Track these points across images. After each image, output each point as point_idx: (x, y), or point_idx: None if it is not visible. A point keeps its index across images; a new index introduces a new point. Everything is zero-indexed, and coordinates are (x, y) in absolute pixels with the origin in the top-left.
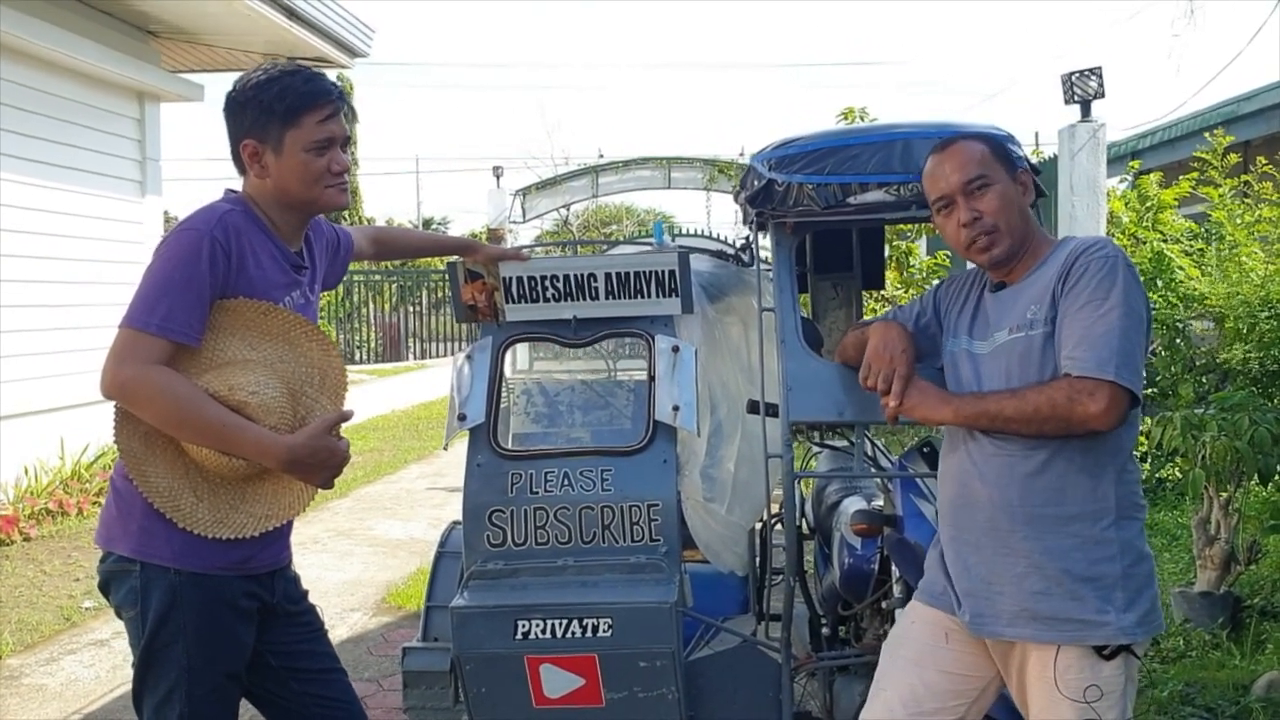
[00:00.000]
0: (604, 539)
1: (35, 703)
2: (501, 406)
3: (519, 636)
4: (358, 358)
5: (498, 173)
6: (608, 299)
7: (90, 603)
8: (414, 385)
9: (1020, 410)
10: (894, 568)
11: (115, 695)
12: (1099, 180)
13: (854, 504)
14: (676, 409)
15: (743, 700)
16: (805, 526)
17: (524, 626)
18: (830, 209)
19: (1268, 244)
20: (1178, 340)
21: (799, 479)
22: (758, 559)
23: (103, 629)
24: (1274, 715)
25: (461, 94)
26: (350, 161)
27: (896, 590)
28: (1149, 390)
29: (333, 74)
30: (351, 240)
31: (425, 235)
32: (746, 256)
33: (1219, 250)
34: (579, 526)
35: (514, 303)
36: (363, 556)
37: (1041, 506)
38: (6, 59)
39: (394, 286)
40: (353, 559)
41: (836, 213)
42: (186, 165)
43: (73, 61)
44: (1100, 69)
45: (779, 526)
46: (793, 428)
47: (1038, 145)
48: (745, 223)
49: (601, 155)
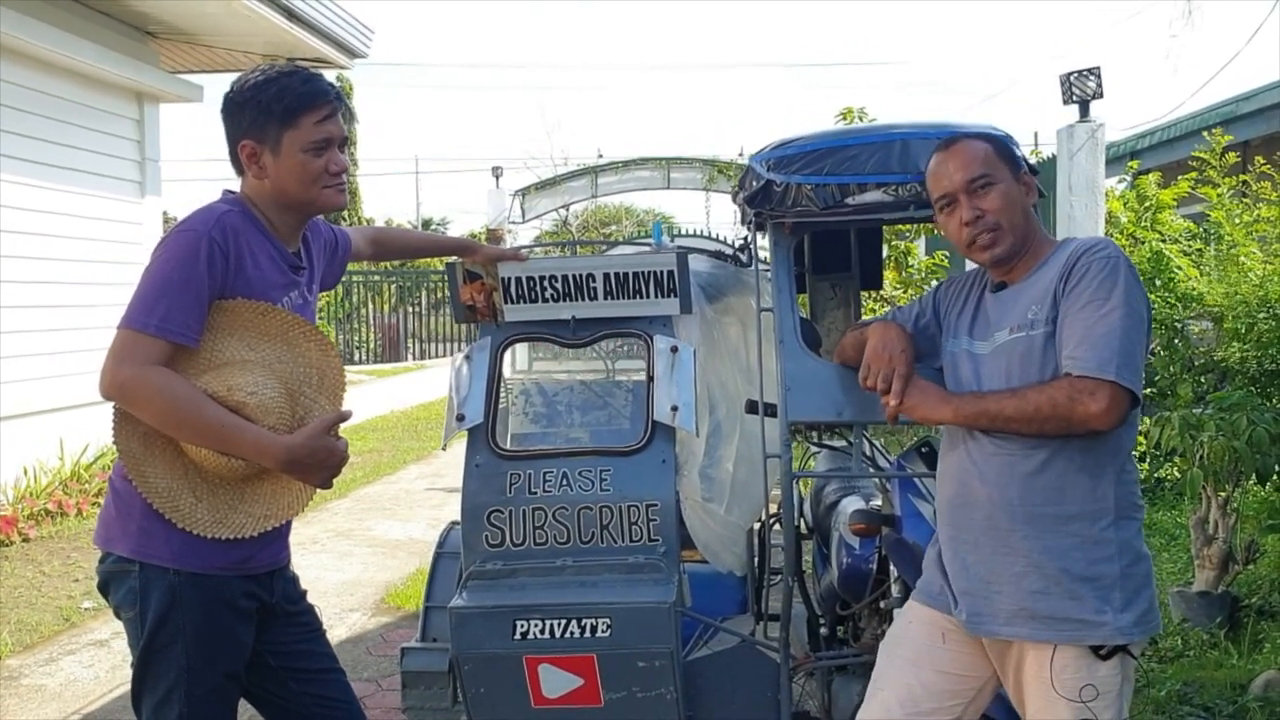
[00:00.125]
0: (602, 539)
1: (34, 703)
2: (500, 407)
3: (518, 636)
4: (356, 358)
5: (497, 173)
6: (606, 299)
7: (89, 603)
8: (413, 386)
9: (1021, 410)
10: (892, 567)
11: (114, 695)
12: (1097, 180)
13: (852, 504)
14: (675, 409)
15: (741, 700)
16: (803, 526)
17: (523, 626)
18: (828, 209)
19: (1266, 244)
20: (1176, 340)
21: (797, 479)
22: (756, 559)
23: (102, 629)
24: (1272, 714)
25: (461, 94)
26: (348, 162)
27: (894, 590)
28: (1147, 390)
29: (332, 75)
30: (350, 241)
31: (424, 236)
32: (745, 257)
33: (1217, 250)
34: (578, 527)
35: (513, 303)
36: (361, 557)
37: (1041, 506)
38: (5, 60)
39: (393, 287)
40: (352, 559)
41: (835, 213)
42: (186, 166)
43: (72, 62)
44: (1099, 69)
45: (777, 526)
46: (791, 428)
47: (1037, 145)
48: (744, 223)
49: (601, 156)
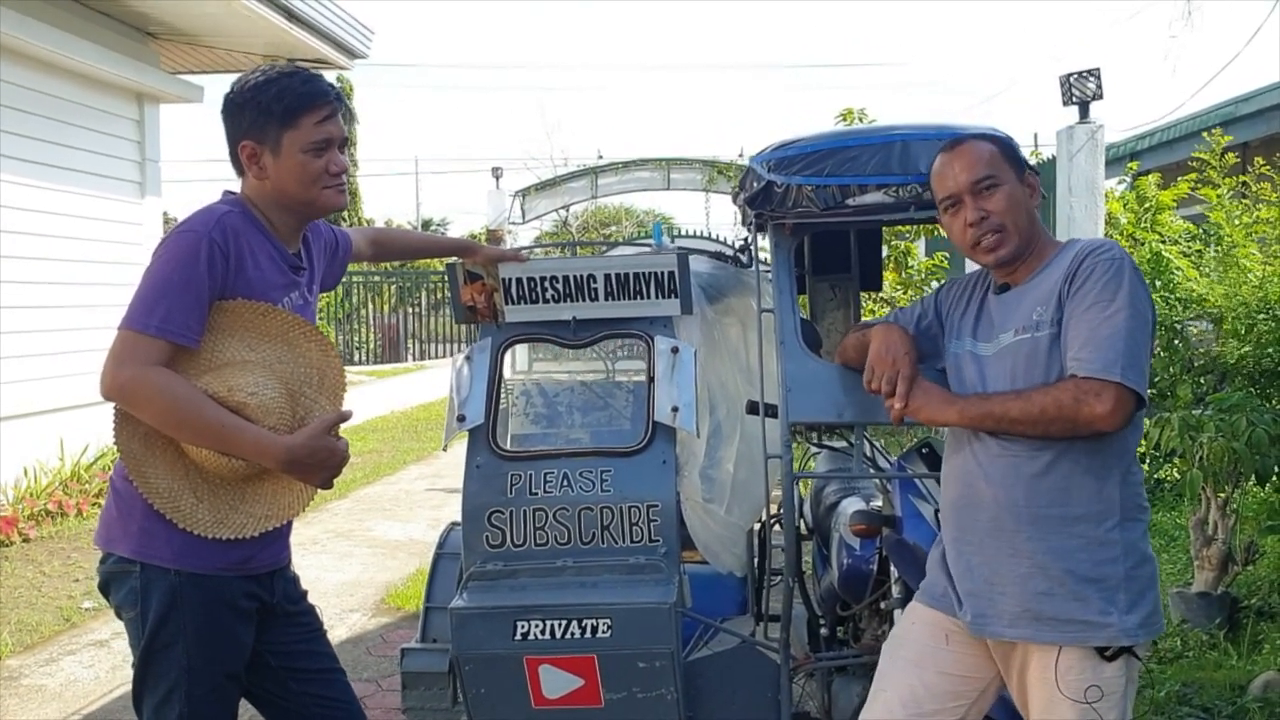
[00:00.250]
0: (603, 540)
1: (35, 703)
2: (501, 407)
3: (518, 637)
4: (357, 359)
5: (497, 174)
6: (607, 300)
7: (90, 603)
8: (413, 386)
9: (1026, 411)
10: (892, 568)
11: (115, 696)
12: (1097, 181)
13: (853, 505)
14: (676, 410)
15: (741, 701)
16: (804, 527)
17: (523, 627)
18: (829, 210)
19: (1265, 245)
20: (1176, 341)
21: (798, 480)
22: (756, 560)
23: (102, 629)
24: (1271, 715)
25: (460, 95)
26: (348, 163)
27: (895, 591)
28: (1148, 391)
29: (332, 75)
30: (350, 241)
31: (424, 236)
32: (745, 258)
33: (1217, 251)
34: (578, 527)
35: (513, 304)
36: (362, 557)
37: (1047, 507)
38: (6, 60)
39: (393, 288)
40: (352, 560)
41: (835, 214)
42: (186, 166)
43: (72, 63)
44: (1099, 70)
45: (777, 527)
46: (792, 428)
47: (1036, 146)
48: (744, 224)
49: (601, 156)
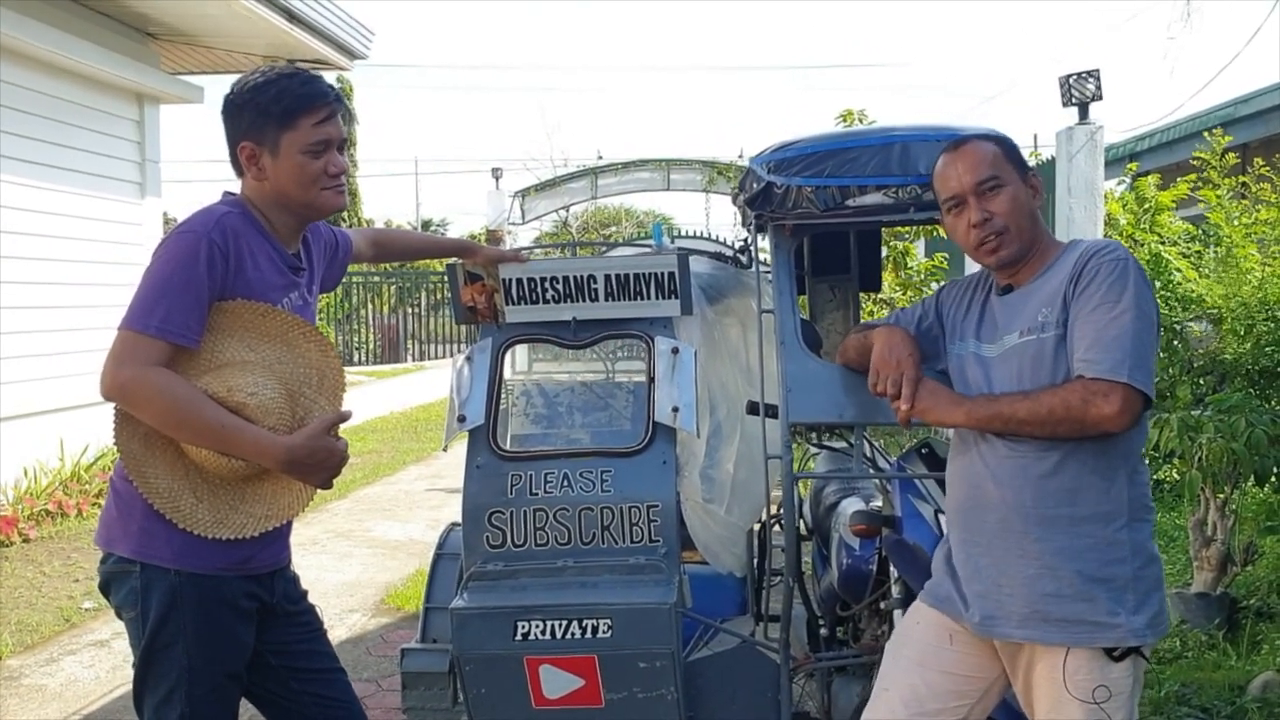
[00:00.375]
0: (603, 540)
1: (35, 703)
2: (501, 408)
3: (518, 637)
4: (356, 359)
5: (497, 174)
6: (607, 301)
7: (90, 603)
8: (413, 387)
9: (1034, 412)
10: (892, 568)
11: (115, 696)
12: (1097, 182)
13: (852, 505)
14: (676, 410)
15: (741, 701)
16: (803, 527)
17: (523, 627)
18: (828, 211)
19: (1265, 246)
20: (1175, 342)
21: (798, 480)
22: (756, 560)
23: (102, 630)
24: (1270, 715)
25: (460, 95)
26: (348, 163)
27: (894, 591)
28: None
29: (332, 76)
30: (350, 242)
31: (424, 237)
32: (745, 258)
33: (1216, 252)
34: (578, 527)
35: (513, 304)
36: (362, 558)
37: (1055, 508)
38: (6, 61)
39: (393, 288)
40: (352, 560)
41: (835, 215)
42: (186, 167)
43: (72, 63)
44: (1098, 71)
45: (777, 527)
46: (792, 429)
47: (1036, 147)
48: (744, 225)
49: (601, 157)
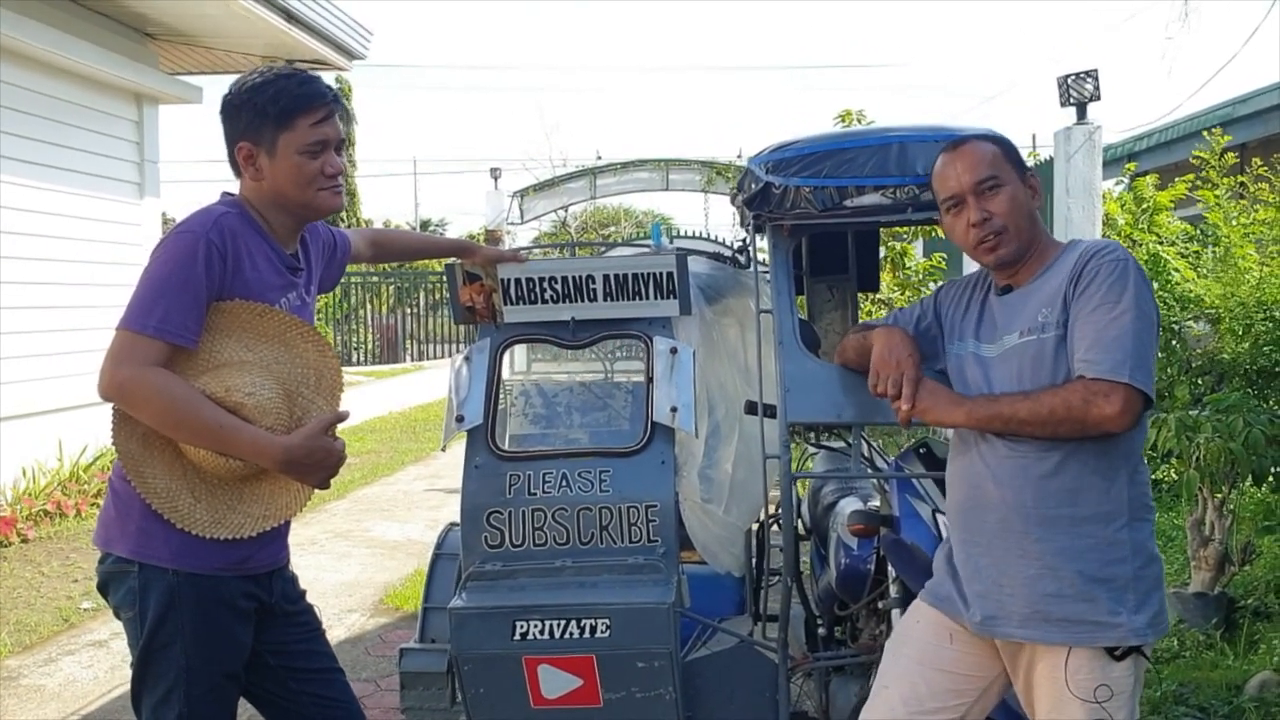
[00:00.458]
0: (602, 540)
1: (34, 703)
2: (499, 408)
3: (517, 637)
4: (355, 359)
5: (495, 174)
6: (606, 301)
7: (88, 604)
8: (411, 387)
9: (1035, 412)
10: (890, 568)
11: (114, 696)
12: (1095, 182)
13: (850, 505)
14: (674, 410)
15: (739, 700)
16: (802, 527)
17: (522, 627)
18: (827, 212)
19: (1263, 246)
20: (1174, 342)
21: (796, 480)
22: (754, 560)
23: (101, 630)
24: (1266, 715)
25: (459, 96)
26: (345, 164)
27: (892, 590)
28: None
29: (330, 76)
30: (349, 242)
31: (423, 237)
32: (744, 258)
33: (1215, 252)
34: (577, 527)
35: (512, 304)
36: (360, 558)
37: (1056, 508)
38: (5, 61)
39: (391, 288)
40: (350, 560)
41: (833, 215)
42: (185, 167)
43: (71, 63)
44: (1096, 72)
45: (776, 527)
46: (790, 429)
47: (1034, 148)
48: (743, 225)
49: (599, 157)
